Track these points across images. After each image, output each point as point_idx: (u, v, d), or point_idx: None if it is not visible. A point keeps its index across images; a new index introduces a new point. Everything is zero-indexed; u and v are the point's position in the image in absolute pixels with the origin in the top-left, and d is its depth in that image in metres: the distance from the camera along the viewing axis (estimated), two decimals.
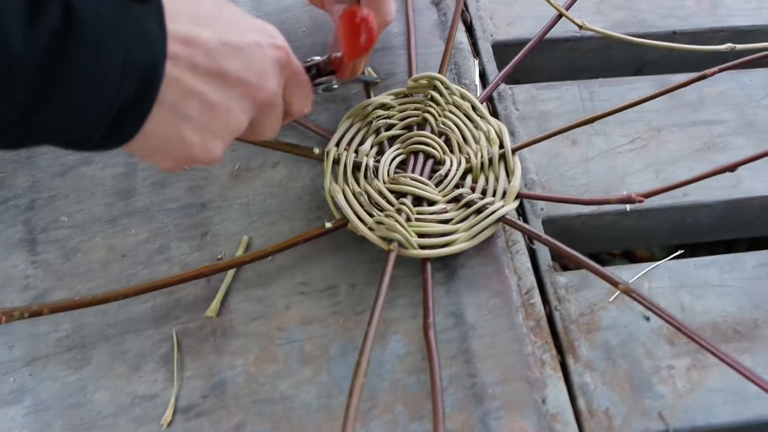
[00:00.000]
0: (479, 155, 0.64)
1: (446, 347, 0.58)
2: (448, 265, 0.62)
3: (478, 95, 0.72)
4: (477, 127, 0.66)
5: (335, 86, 0.62)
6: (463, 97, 0.68)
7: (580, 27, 0.71)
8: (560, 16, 0.72)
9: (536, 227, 0.66)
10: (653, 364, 0.59)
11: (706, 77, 0.62)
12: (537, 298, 0.61)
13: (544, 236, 0.60)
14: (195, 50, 0.42)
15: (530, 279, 0.62)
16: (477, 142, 0.66)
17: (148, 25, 0.39)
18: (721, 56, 0.69)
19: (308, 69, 0.59)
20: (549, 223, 0.66)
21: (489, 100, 0.74)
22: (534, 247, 0.65)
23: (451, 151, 0.66)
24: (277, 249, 0.61)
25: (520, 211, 0.67)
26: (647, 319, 0.61)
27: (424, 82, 0.68)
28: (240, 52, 0.45)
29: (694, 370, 0.59)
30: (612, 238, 0.73)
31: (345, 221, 0.62)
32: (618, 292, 0.61)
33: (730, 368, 0.56)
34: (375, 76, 0.73)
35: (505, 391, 0.57)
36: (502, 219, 0.62)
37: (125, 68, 0.37)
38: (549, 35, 0.77)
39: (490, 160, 0.64)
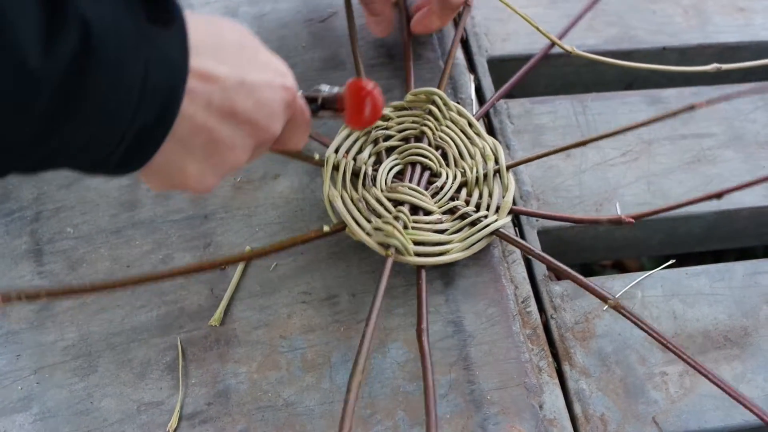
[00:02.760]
0: (474, 170, 0.66)
1: (446, 354, 0.60)
2: (447, 274, 0.64)
3: (474, 110, 0.74)
4: (473, 143, 0.68)
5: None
6: (460, 113, 0.69)
7: (569, 53, 0.73)
8: (553, 45, 0.74)
9: (531, 237, 0.67)
10: (647, 371, 0.60)
11: (695, 108, 0.64)
12: (533, 307, 0.63)
13: (537, 251, 0.62)
14: (212, 87, 0.42)
15: (526, 288, 0.64)
16: (472, 157, 0.67)
17: (169, 53, 0.39)
18: (710, 73, 0.71)
19: (313, 99, 0.57)
20: (544, 234, 0.68)
21: (485, 115, 0.75)
22: (530, 257, 0.66)
23: (447, 165, 0.67)
24: (276, 248, 0.62)
25: (516, 221, 0.69)
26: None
27: (422, 96, 0.70)
28: (254, 93, 0.45)
29: (687, 377, 0.60)
30: (605, 248, 0.75)
31: (343, 225, 0.63)
32: None
33: (720, 375, 0.58)
34: None
35: (503, 397, 0.58)
36: (496, 232, 0.63)
37: (142, 94, 0.37)
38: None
39: (485, 176, 0.66)
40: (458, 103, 0.74)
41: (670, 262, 0.66)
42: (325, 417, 0.57)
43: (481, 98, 0.76)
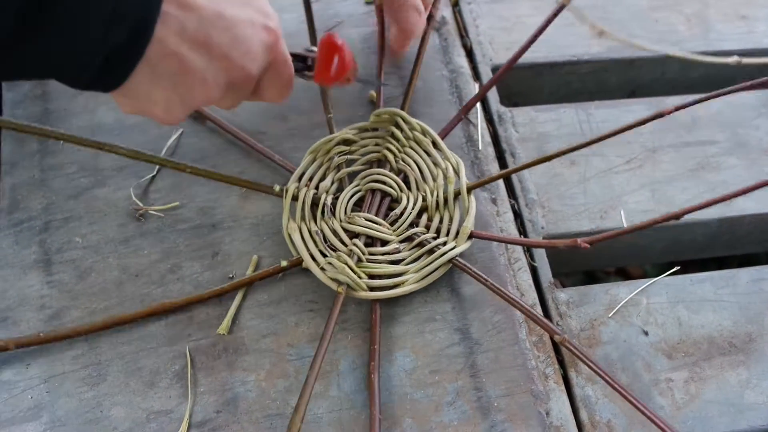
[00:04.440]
0: (435, 194, 0.66)
1: (452, 362, 0.60)
2: (452, 282, 0.64)
3: (479, 117, 0.74)
4: (436, 163, 0.68)
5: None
6: (424, 132, 0.69)
7: (600, 33, 0.72)
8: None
9: None
10: (652, 377, 0.61)
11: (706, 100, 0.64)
12: (539, 314, 0.63)
13: (489, 281, 0.62)
14: (188, 15, 0.43)
15: (532, 295, 0.65)
16: (435, 179, 0.67)
17: None
18: (721, 75, 0.71)
19: (303, 58, 0.57)
20: None
21: (489, 122, 0.76)
22: (535, 264, 0.67)
23: (409, 188, 0.67)
24: (234, 287, 0.63)
25: (521, 229, 0.69)
26: (646, 333, 0.63)
27: (386, 117, 0.70)
28: (231, 28, 0.45)
29: (692, 383, 0.61)
30: (609, 255, 0.76)
31: (301, 259, 0.63)
32: (617, 307, 0.64)
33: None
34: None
35: (510, 404, 0.58)
36: (453, 261, 0.63)
37: (113, 17, 0.39)
38: (547, 59, 0.80)
39: (446, 199, 0.66)
40: None
41: (674, 269, 0.67)
42: (333, 425, 0.57)
43: (485, 106, 0.77)
